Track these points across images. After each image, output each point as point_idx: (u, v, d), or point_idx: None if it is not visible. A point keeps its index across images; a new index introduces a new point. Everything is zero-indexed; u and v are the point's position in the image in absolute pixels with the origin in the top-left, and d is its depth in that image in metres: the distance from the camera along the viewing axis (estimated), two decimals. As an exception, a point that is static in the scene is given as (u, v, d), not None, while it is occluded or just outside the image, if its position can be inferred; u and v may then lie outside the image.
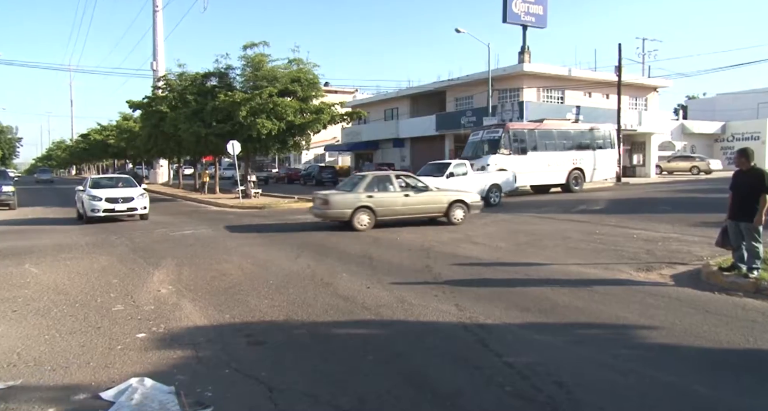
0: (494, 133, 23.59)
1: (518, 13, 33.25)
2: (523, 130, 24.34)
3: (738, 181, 7.37)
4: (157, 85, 29.11)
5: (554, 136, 24.91)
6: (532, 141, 24.09)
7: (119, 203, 16.22)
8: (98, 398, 4.04)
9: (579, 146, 25.37)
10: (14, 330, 5.78)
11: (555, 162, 24.26)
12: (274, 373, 4.47)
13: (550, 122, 25.60)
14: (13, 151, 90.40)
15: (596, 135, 26.32)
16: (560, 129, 25.46)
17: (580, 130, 26.11)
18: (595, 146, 25.95)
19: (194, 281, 8.07)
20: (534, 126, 25.06)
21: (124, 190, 17.22)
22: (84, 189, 17.02)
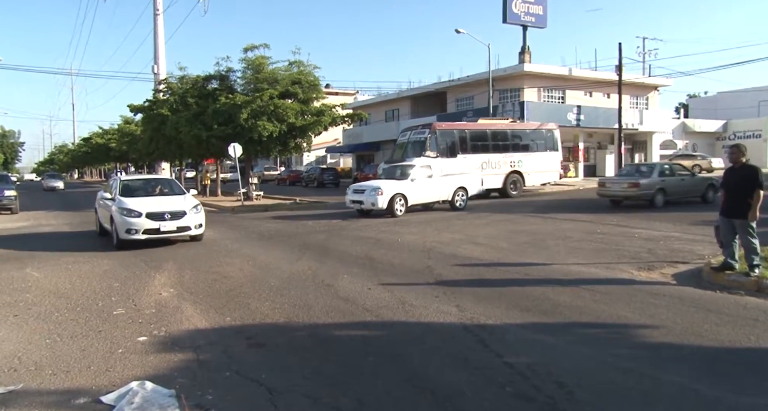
0: (420, 134, 22.31)
1: (518, 14, 33.26)
2: (452, 130, 23.02)
3: (730, 178, 7.37)
4: (158, 89, 29.12)
5: (488, 137, 23.53)
6: (462, 142, 22.63)
7: (166, 221, 11.39)
8: (99, 402, 4.05)
9: (518, 148, 24.01)
10: (15, 334, 5.79)
11: (490, 165, 22.84)
12: (275, 375, 4.47)
13: (485, 122, 24.61)
14: (16, 156, 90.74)
15: (538, 136, 25.07)
16: (495, 129, 24.10)
17: (519, 131, 24.88)
18: (537, 148, 24.63)
19: (195, 284, 8.07)
20: (464, 126, 23.96)
21: (169, 199, 12.45)
22: (113, 198, 12.21)
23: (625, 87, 32.06)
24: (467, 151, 22.48)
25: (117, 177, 14.51)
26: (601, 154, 36.30)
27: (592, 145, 36.11)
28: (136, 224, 11.19)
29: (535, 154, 24.28)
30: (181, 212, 11.65)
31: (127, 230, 11.23)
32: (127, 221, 11.22)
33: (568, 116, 31.48)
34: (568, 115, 31.55)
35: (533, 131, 25.16)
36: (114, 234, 11.65)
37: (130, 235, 11.21)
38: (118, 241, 11.47)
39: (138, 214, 11.26)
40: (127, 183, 13.31)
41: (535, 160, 24.25)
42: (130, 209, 11.37)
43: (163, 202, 12.08)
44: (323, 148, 50.40)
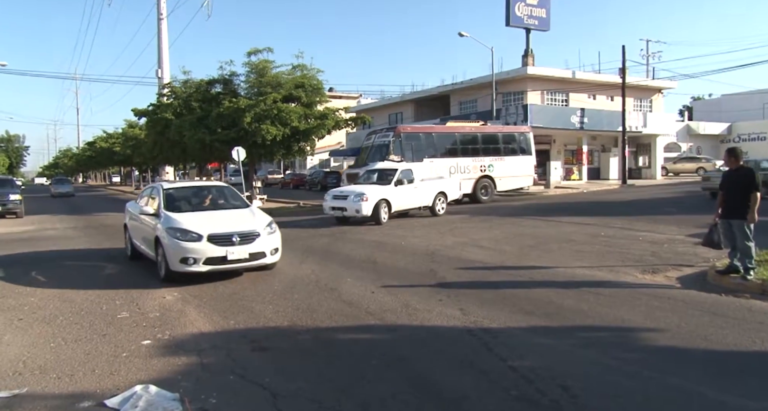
0: (384, 138, 21.44)
1: (521, 17, 33.29)
2: (418, 133, 22.31)
3: (728, 180, 7.41)
4: (162, 93, 29.23)
5: (457, 141, 22.76)
6: (429, 146, 21.89)
7: (235, 245, 8.24)
8: (103, 405, 4.05)
9: (489, 152, 23.19)
10: (20, 338, 5.81)
11: (459, 169, 21.98)
12: (279, 379, 4.47)
13: (454, 125, 24.01)
14: (21, 160, 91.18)
15: (510, 139, 24.28)
16: (464, 132, 23.32)
17: (490, 134, 23.92)
18: (509, 152, 23.85)
19: (199, 288, 8.07)
20: (431, 129, 23.32)
21: (232, 214, 9.25)
22: (157, 213, 9.07)
23: (629, 89, 32.06)
24: (434, 155, 21.73)
25: (157, 185, 10.34)
26: (605, 157, 36.25)
27: (596, 148, 36.07)
28: (196, 251, 8.04)
29: (507, 159, 23.58)
30: (252, 234, 8.37)
31: (183, 259, 8.04)
32: (182, 247, 8.05)
33: (571, 119, 31.44)
34: (572, 117, 31.52)
35: (505, 134, 24.41)
36: (161, 263, 8.47)
37: (186, 265, 8.05)
38: (167, 273, 8.29)
39: (197, 238, 8.08)
40: (172, 192, 9.82)
41: (508, 164, 23.54)
42: (186, 230, 8.18)
43: (226, 218, 8.86)
44: (327, 151, 50.45)
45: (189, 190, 10.38)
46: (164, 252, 8.28)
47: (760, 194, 7.06)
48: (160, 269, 8.56)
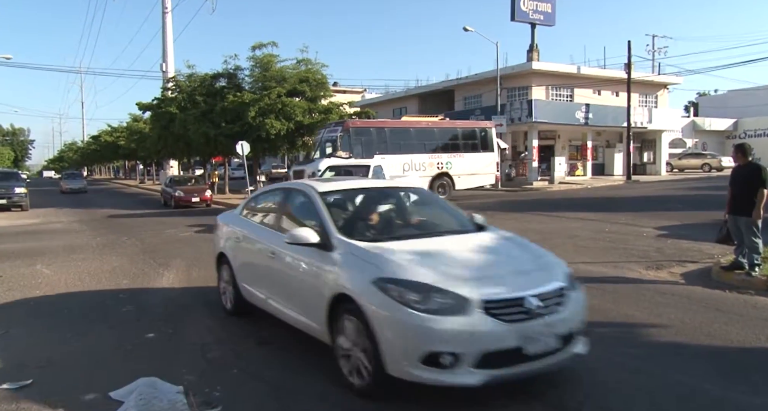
0: (333, 133, 20.28)
1: (526, 11, 33.11)
2: (369, 128, 21.18)
3: (736, 176, 7.38)
4: (167, 87, 29.29)
5: (412, 136, 21.66)
6: (381, 141, 20.75)
7: (535, 319, 3.70)
8: (108, 398, 4.07)
9: (446, 148, 22.13)
10: (25, 330, 5.84)
11: (413, 166, 20.94)
12: (283, 373, 4.48)
13: (409, 119, 22.99)
14: (26, 153, 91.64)
15: (470, 135, 23.14)
16: (420, 127, 22.21)
17: (448, 129, 22.94)
18: (469, 148, 22.74)
19: (203, 281, 8.10)
20: (383, 124, 22.22)
21: (476, 247, 4.59)
22: (328, 243, 4.48)
23: (634, 85, 31.87)
24: (386, 151, 20.46)
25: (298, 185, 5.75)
26: (610, 153, 36.12)
27: (601, 144, 35.93)
28: (460, 336, 3.55)
29: (467, 155, 22.44)
30: (558, 292, 3.99)
31: (430, 356, 3.56)
32: (426, 328, 3.55)
33: (576, 115, 31.32)
34: (577, 113, 31.39)
35: (465, 130, 23.36)
36: (358, 358, 4.01)
37: (435, 370, 3.57)
38: (376, 379, 3.84)
39: (459, 305, 3.62)
40: (338, 199, 5.36)
41: (467, 161, 22.41)
42: (428, 287, 3.72)
43: (473, 256, 4.37)
44: (330, 146, 50.47)
45: (361, 196, 5.60)
46: (373, 335, 3.78)
47: (767, 191, 7.01)
48: (351, 372, 4.08)
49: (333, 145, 19.74)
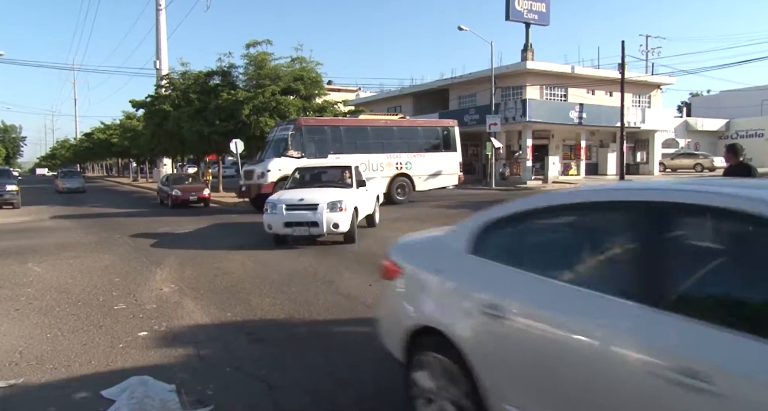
0: (284, 131, 19.22)
1: (521, 11, 33.18)
2: (323, 126, 20.16)
3: (728, 176, 7.40)
4: (161, 84, 29.17)
5: (369, 135, 20.55)
6: (335, 140, 19.71)
7: None
8: (100, 396, 4.05)
9: (407, 148, 20.98)
10: (16, 328, 5.81)
11: (370, 167, 19.79)
12: (275, 371, 4.48)
13: (366, 117, 21.94)
14: (17, 151, 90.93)
15: (432, 135, 22.15)
16: (377, 126, 21.15)
17: (408, 128, 21.92)
18: (431, 148, 21.63)
19: (196, 279, 8.09)
20: (338, 122, 21.24)
21: None
22: None
23: (628, 85, 31.98)
24: (341, 150, 19.36)
25: None
26: (603, 153, 36.26)
27: (594, 144, 36.06)
28: None
29: (428, 155, 21.29)
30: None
31: None
32: None
33: (570, 114, 31.42)
34: (570, 113, 31.50)
35: (426, 129, 22.40)
36: None
37: None
38: None
39: None
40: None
41: (429, 161, 21.31)
42: None
43: None
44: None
45: None
46: None
47: None
48: None
49: (284, 143, 18.84)
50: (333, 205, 10.52)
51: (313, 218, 10.48)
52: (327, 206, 10.49)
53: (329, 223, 10.46)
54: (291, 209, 10.64)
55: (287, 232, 10.80)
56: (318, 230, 10.53)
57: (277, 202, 10.78)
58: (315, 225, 10.49)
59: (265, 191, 17.70)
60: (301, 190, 11.56)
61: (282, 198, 11.01)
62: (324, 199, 10.66)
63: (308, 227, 10.54)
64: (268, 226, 10.85)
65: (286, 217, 10.59)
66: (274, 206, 10.77)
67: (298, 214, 10.60)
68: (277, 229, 10.76)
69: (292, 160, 17.82)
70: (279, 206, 10.68)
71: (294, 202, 10.71)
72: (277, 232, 10.86)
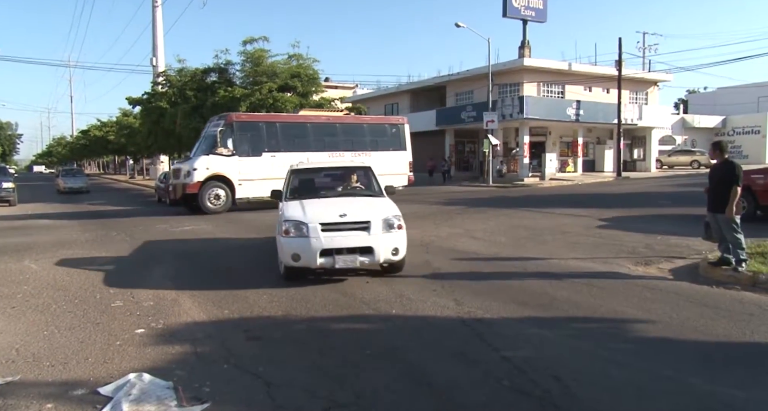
0: (215, 127, 18.11)
1: (518, 8, 33.17)
2: (257, 122, 18.84)
3: (713, 174, 7.52)
4: (157, 81, 29.11)
5: (309, 132, 19.45)
6: (271, 137, 18.57)
7: None
8: (96, 393, 4.05)
9: (351, 146, 19.89)
10: (13, 326, 5.80)
11: None
12: (272, 368, 4.48)
13: (307, 114, 20.86)
14: (13, 148, 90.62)
15: (379, 132, 20.96)
16: (318, 123, 19.92)
17: (353, 125, 20.81)
18: (377, 146, 20.44)
19: (193, 277, 8.08)
20: (274, 118, 19.91)
21: None
22: None
23: (625, 82, 32.04)
24: (278, 148, 18.47)
25: None
26: (600, 150, 36.32)
27: (591, 140, 36.11)
28: None
29: (375, 154, 19.83)
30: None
31: None
32: None
33: (567, 111, 31.44)
34: (568, 110, 31.52)
35: (373, 126, 21.16)
36: None
37: None
38: None
39: None
40: None
41: (375, 160, 18.91)
42: None
43: None
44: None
45: None
46: None
47: (740, 189, 7.10)
48: None
49: (214, 140, 17.82)
50: (389, 223, 7.35)
51: (367, 242, 7.16)
52: (382, 224, 7.30)
53: (387, 248, 7.24)
54: (330, 229, 7.16)
55: (324, 265, 7.10)
56: (372, 259, 7.20)
57: (303, 220, 7.25)
58: (368, 252, 7.17)
59: (191, 191, 17.30)
60: (321, 201, 8.12)
61: (307, 213, 7.41)
62: (373, 213, 7.48)
63: (359, 255, 7.15)
64: (292, 257, 7.16)
65: (323, 241, 7.07)
66: (298, 226, 7.22)
67: (343, 237, 7.16)
68: (309, 260, 7.10)
69: (221, 159, 17.35)
70: (310, 226, 7.13)
71: (332, 219, 7.25)
72: (306, 265, 7.20)
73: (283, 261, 7.41)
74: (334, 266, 7.11)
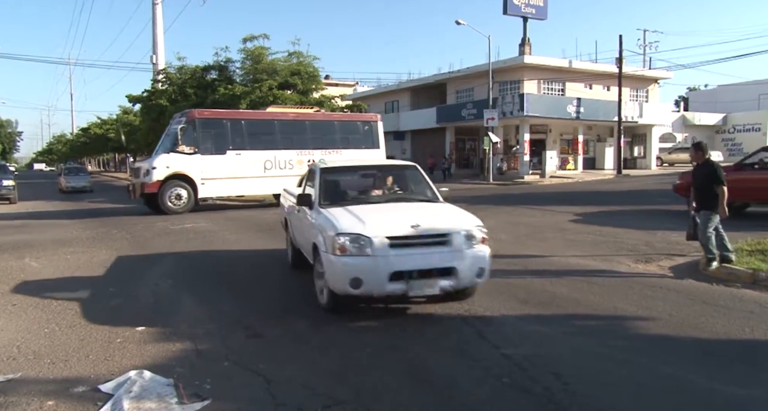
0: (177, 125, 17.34)
1: (519, 5, 33.12)
2: (221, 119, 17.99)
3: (696, 174, 7.55)
4: (157, 79, 29.08)
5: (276, 129, 18.63)
6: (236, 135, 17.84)
7: None
8: (97, 391, 4.06)
9: (321, 144, 19.08)
10: (14, 323, 5.80)
11: (277, 164, 18.24)
12: (273, 365, 4.48)
13: (274, 110, 20.10)
14: (14, 145, 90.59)
15: (351, 129, 20.16)
16: (286, 120, 19.09)
17: (323, 123, 19.96)
18: (349, 144, 19.59)
19: (193, 274, 8.09)
20: (239, 115, 19.13)
21: None
22: None
23: (625, 79, 32.00)
24: (243, 146, 17.83)
25: None
26: (601, 147, 36.31)
27: (592, 138, 36.10)
28: None
29: (346, 152, 19.21)
30: None
31: None
32: None
33: (567, 108, 31.42)
34: (568, 107, 31.50)
35: (344, 123, 20.36)
36: None
37: None
38: None
39: None
40: None
41: (347, 159, 18.79)
42: None
43: None
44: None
45: None
46: None
47: (726, 188, 7.10)
48: None
49: (175, 138, 17.14)
50: (473, 236, 5.86)
51: (450, 261, 5.56)
52: (465, 237, 5.75)
53: (473, 268, 5.68)
54: (401, 245, 5.47)
55: (395, 292, 5.46)
56: (455, 283, 5.61)
57: (364, 233, 5.43)
58: (450, 274, 5.54)
59: (150, 191, 16.76)
60: (375, 208, 6.30)
61: (366, 224, 5.55)
62: (451, 222, 6.04)
63: (438, 279, 5.51)
64: (351, 283, 5.36)
65: (394, 260, 5.38)
66: (357, 241, 5.42)
67: (419, 255, 5.50)
68: (375, 286, 5.41)
69: (183, 157, 16.82)
70: (375, 241, 5.37)
71: (403, 232, 5.52)
72: (369, 293, 5.50)
73: (335, 287, 5.54)
74: (407, 294, 5.44)
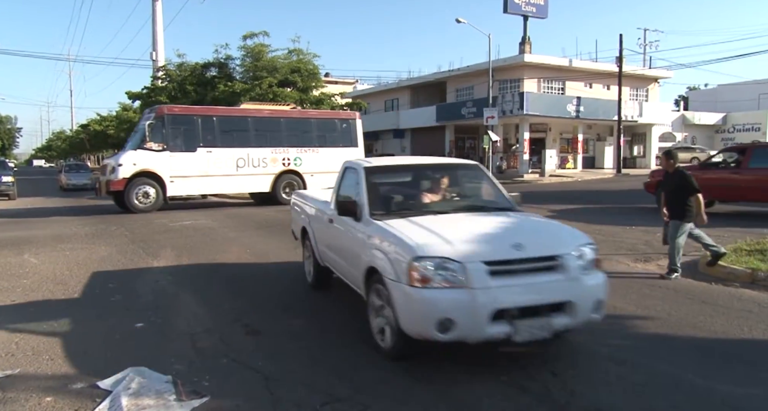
0: (146, 120, 17.00)
1: (519, 3, 33.09)
2: (191, 116, 17.45)
3: (668, 182, 7.44)
4: (157, 76, 29.07)
5: (249, 126, 18.16)
6: (207, 132, 17.36)
7: None
8: (96, 387, 4.06)
9: (296, 142, 18.72)
10: (12, 319, 5.79)
11: (250, 162, 17.87)
12: (272, 362, 4.49)
13: (248, 107, 19.67)
14: (13, 142, 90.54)
15: (328, 127, 19.63)
16: (260, 117, 18.61)
17: (298, 120, 19.36)
18: (326, 142, 19.21)
19: (193, 271, 8.09)
20: (210, 111, 18.55)
21: None
22: None
23: (626, 79, 31.99)
24: (214, 143, 17.41)
25: None
26: (600, 146, 36.31)
27: (592, 137, 36.11)
28: None
29: (323, 151, 18.90)
30: None
31: None
32: None
33: (567, 107, 31.42)
34: (568, 106, 31.50)
35: (321, 121, 19.77)
36: None
37: None
38: None
39: None
40: None
41: (323, 157, 18.80)
42: None
43: None
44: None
45: None
46: None
47: (701, 195, 7.05)
48: None
49: (143, 134, 16.69)
50: (586, 258, 4.55)
51: (564, 292, 4.24)
52: (576, 260, 4.40)
53: (589, 299, 4.33)
54: (502, 272, 4.13)
55: (498, 336, 4.07)
56: (570, 321, 4.25)
57: (453, 256, 4.09)
58: (563, 310, 4.22)
59: (116, 188, 16.41)
60: (448, 221, 4.91)
61: (454, 244, 4.22)
62: (556, 241, 4.67)
63: (550, 317, 4.18)
64: (439, 326, 3.99)
65: (497, 294, 4.03)
66: (444, 267, 4.09)
67: (526, 286, 4.17)
68: (472, 329, 4.04)
69: (151, 154, 16.40)
70: (469, 268, 4.04)
71: (505, 255, 4.20)
72: (462, 338, 4.08)
73: (412, 330, 4.14)
74: (513, 338, 4.06)
